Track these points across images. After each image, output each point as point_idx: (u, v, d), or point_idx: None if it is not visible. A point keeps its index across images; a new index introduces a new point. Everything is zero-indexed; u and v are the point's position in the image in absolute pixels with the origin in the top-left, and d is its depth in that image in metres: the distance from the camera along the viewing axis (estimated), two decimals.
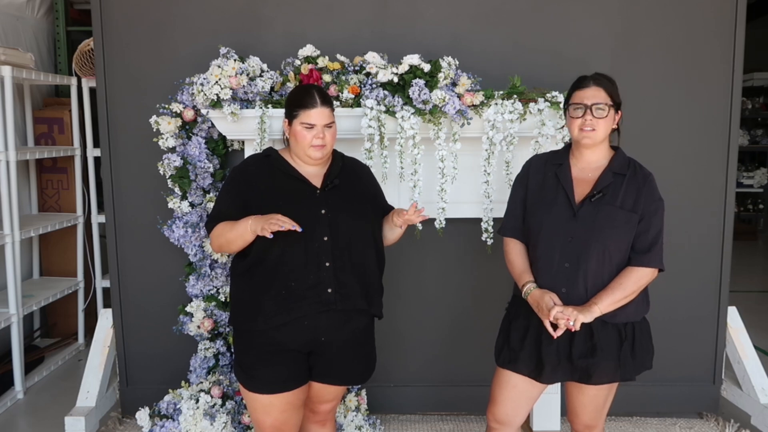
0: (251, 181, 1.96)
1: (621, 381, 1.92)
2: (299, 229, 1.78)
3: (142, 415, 2.63)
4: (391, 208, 2.13)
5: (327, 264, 1.90)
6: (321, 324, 1.92)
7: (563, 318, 1.79)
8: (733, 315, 3.03)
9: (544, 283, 1.89)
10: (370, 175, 2.14)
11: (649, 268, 1.86)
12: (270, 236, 1.78)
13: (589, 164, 1.92)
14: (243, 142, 2.68)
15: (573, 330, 1.80)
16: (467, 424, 2.91)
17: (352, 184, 2.01)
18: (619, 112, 1.90)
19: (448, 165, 2.47)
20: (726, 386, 3.08)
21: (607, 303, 1.82)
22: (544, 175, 1.96)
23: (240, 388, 2.02)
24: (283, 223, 1.76)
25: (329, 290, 1.90)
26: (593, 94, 1.85)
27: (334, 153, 2.04)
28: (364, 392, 2.77)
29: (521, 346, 1.94)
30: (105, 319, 2.99)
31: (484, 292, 2.84)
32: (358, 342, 2.01)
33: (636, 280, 1.84)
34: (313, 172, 1.97)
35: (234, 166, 2.08)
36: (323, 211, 1.91)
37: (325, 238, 1.90)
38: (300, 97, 1.94)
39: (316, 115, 1.91)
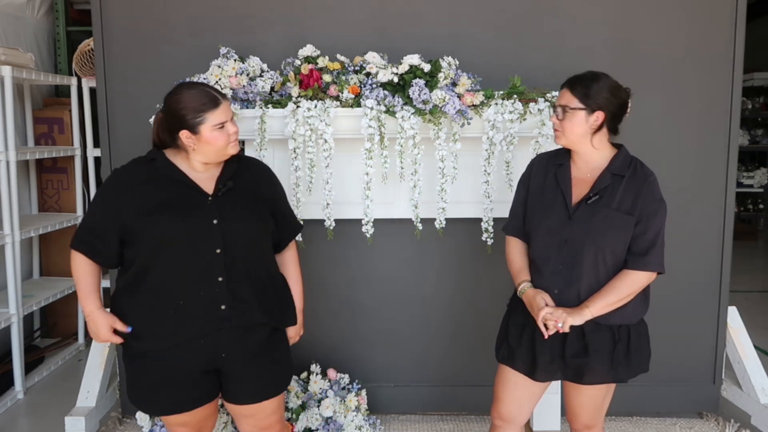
0: (131, 190, 1.75)
1: (613, 382, 1.91)
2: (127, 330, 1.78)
3: (142, 415, 2.63)
4: (291, 214, 2.01)
5: (220, 279, 1.74)
6: (220, 342, 1.78)
7: (552, 320, 1.80)
8: (733, 315, 3.03)
9: (540, 284, 1.90)
10: (271, 174, 1.96)
11: (645, 272, 1.83)
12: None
13: (588, 164, 1.90)
14: (243, 142, 2.68)
15: (561, 332, 1.81)
16: (467, 424, 2.91)
17: (249, 185, 1.85)
18: (599, 113, 1.82)
19: (448, 165, 2.47)
20: (726, 386, 3.08)
21: (599, 306, 1.81)
22: (545, 176, 1.96)
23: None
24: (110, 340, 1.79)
25: (223, 307, 1.75)
26: (561, 96, 1.88)
27: None
28: (364, 392, 2.77)
29: (519, 343, 1.95)
30: None
31: (484, 292, 2.84)
32: (266, 353, 1.86)
33: (630, 283, 1.82)
34: (206, 176, 1.80)
35: (114, 170, 1.85)
36: (215, 221, 1.75)
37: (218, 251, 1.74)
38: (198, 101, 1.73)
39: (224, 111, 1.76)
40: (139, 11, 2.74)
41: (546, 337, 1.82)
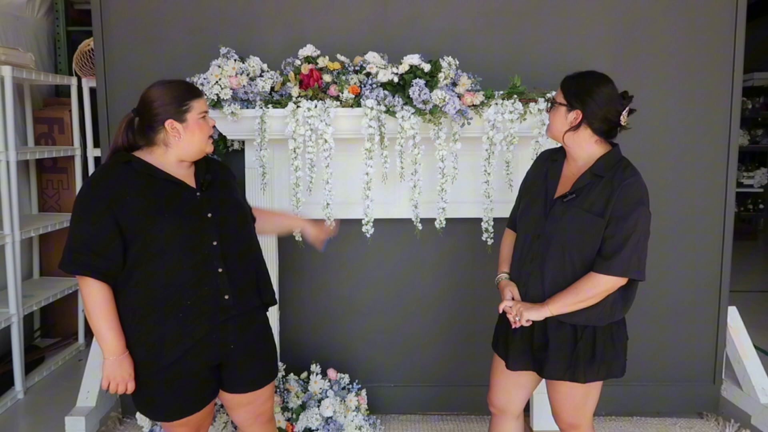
0: (120, 196, 1.69)
1: (571, 381, 1.86)
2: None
3: (142, 415, 2.63)
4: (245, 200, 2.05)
5: (220, 270, 1.76)
6: (228, 332, 1.80)
7: (510, 313, 1.86)
8: (733, 315, 3.04)
9: (513, 276, 1.96)
10: (228, 167, 2.02)
11: (608, 276, 1.77)
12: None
13: (576, 162, 1.88)
14: (243, 142, 2.68)
15: (517, 326, 1.85)
16: (467, 424, 2.91)
17: (222, 178, 1.89)
18: (578, 112, 1.80)
19: (448, 165, 2.47)
20: (726, 386, 3.08)
21: (559, 305, 1.80)
22: (541, 171, 1.98)
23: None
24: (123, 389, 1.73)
25: (226, 297, 1.77)
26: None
27: None
28: (364, 392, 2.77)
29: (501, 332, 2.01)
30: None
31: (484, 291, 2.83)
32: (262, 338, 1.92)
33: (592, 286, 1.78)
34: (184, 173, 1.80)
35: (90, 179, 1.76)
36: (210, 215, 1.77)
37: (215, 243, 1.76)
38: (183, 90, 1.77)
39: (205, 101, 1.81)
40: (138, 11, 2.74)
41: (513, 326, 1.88)
